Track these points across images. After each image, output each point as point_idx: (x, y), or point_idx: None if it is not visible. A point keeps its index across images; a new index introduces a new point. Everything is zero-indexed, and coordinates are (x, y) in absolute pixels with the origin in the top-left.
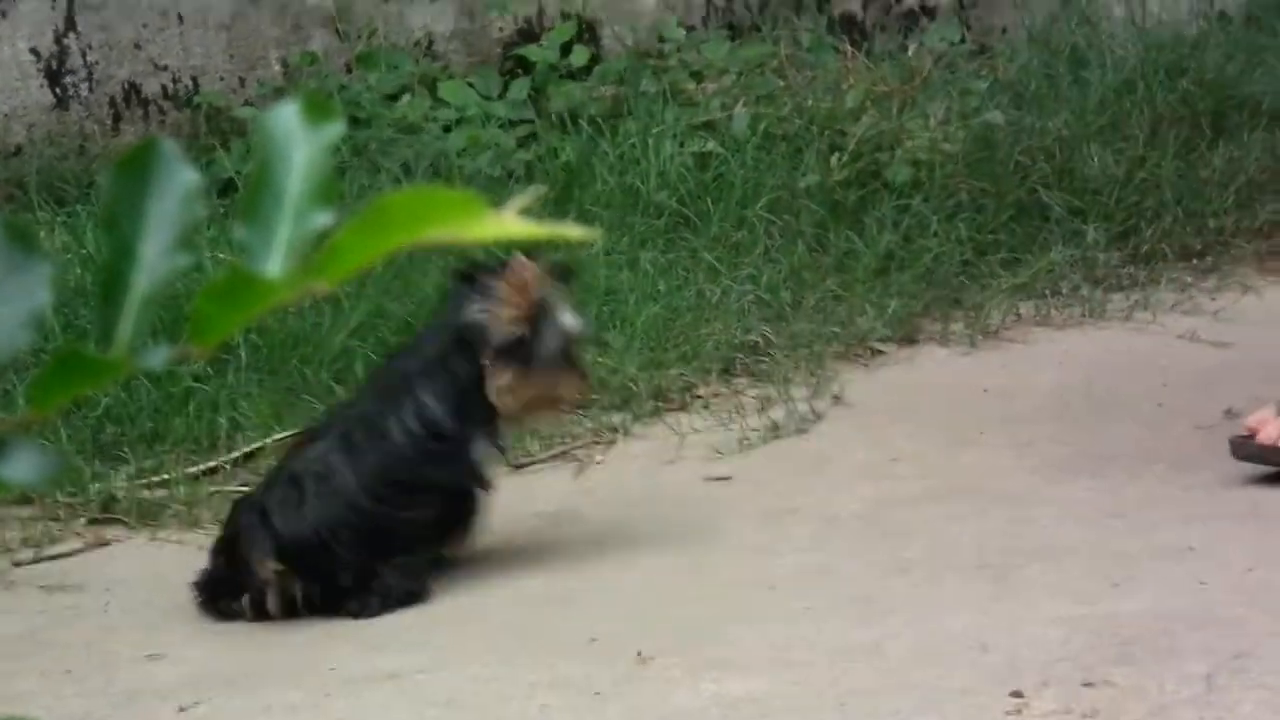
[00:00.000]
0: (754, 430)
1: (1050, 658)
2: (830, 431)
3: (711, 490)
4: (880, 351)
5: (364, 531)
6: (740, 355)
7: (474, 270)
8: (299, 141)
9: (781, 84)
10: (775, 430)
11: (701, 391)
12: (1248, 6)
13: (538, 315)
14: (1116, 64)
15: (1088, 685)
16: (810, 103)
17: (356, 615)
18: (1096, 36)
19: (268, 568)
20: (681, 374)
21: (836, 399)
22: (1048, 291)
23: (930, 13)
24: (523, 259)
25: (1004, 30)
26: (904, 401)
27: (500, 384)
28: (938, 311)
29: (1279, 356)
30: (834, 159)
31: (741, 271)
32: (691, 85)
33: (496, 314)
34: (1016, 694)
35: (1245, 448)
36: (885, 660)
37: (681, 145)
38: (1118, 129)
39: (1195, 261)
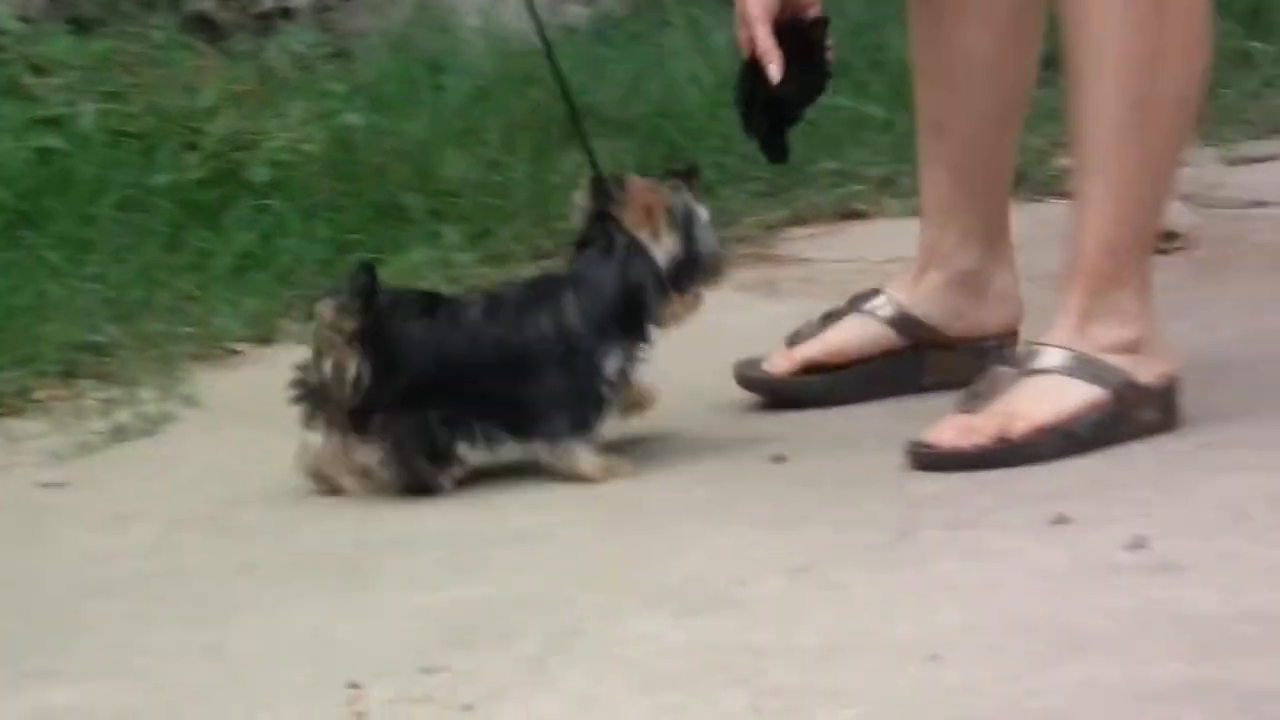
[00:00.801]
0: (97, 434)
1: (391, 648)
2: (181, 433)
3: (46, 496)
4: (237, 352)
5: None
6: (84, 356)
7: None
8: None
9: (132, 81)
10: (121, 433)
11: (39, 395)
12: (592, 21)
13: (682, 224)
14: (473, 71)
15: (426, 671)
16: (164, 101)
17: None
18: (453, 44)
19: None
20: (16, 376)
21: (189, 400)
22: None
23: (288, 14)
24: (636, 178)
25: (363, 35)
26: (261, 402)
27: (671, 308)
28: (298, 311)
29: None
30: (190, 158)
31: (88, 270)
32: (32, 80)
33: (650, 231)
34: (354, 685)
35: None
36: (225, 661)
37: (20, 140)
38: (474, 134)
39: (545, 262)
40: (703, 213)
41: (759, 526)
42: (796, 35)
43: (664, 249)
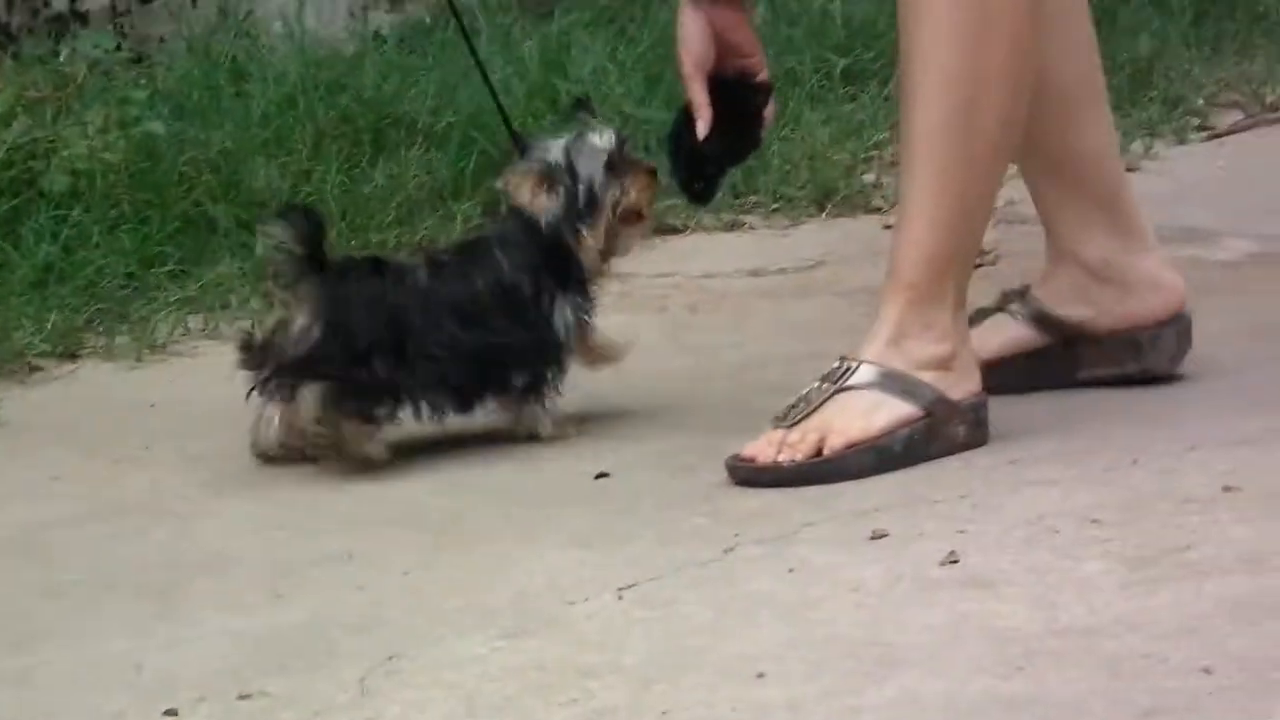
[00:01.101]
0: None
1: (208, 673)
2: None
3: None
4: (39, 368)
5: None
6: None
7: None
8: None
9: None
10: None
11: None
12: (399, 29)
13: (567, 162)
14: (278, 78)
15: (244, 697)
16: None
17: None
18: (257, 50)
19: None
20: None
21: None
22: (217, 304)
23: (82, 18)
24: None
25: (162, 40)
26: (65, 419)
27: (585, 247)
28: (102, 325)
29: None
30: None
31: None
32: None
33: (530, 200)
34: (171, 712)
35: (740, 471)
36: (35, 689)
37: None
38: (282, 143)
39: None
40: (595, 140)
41: (583, 545)
42: (737, 95)
43: (548, 206)
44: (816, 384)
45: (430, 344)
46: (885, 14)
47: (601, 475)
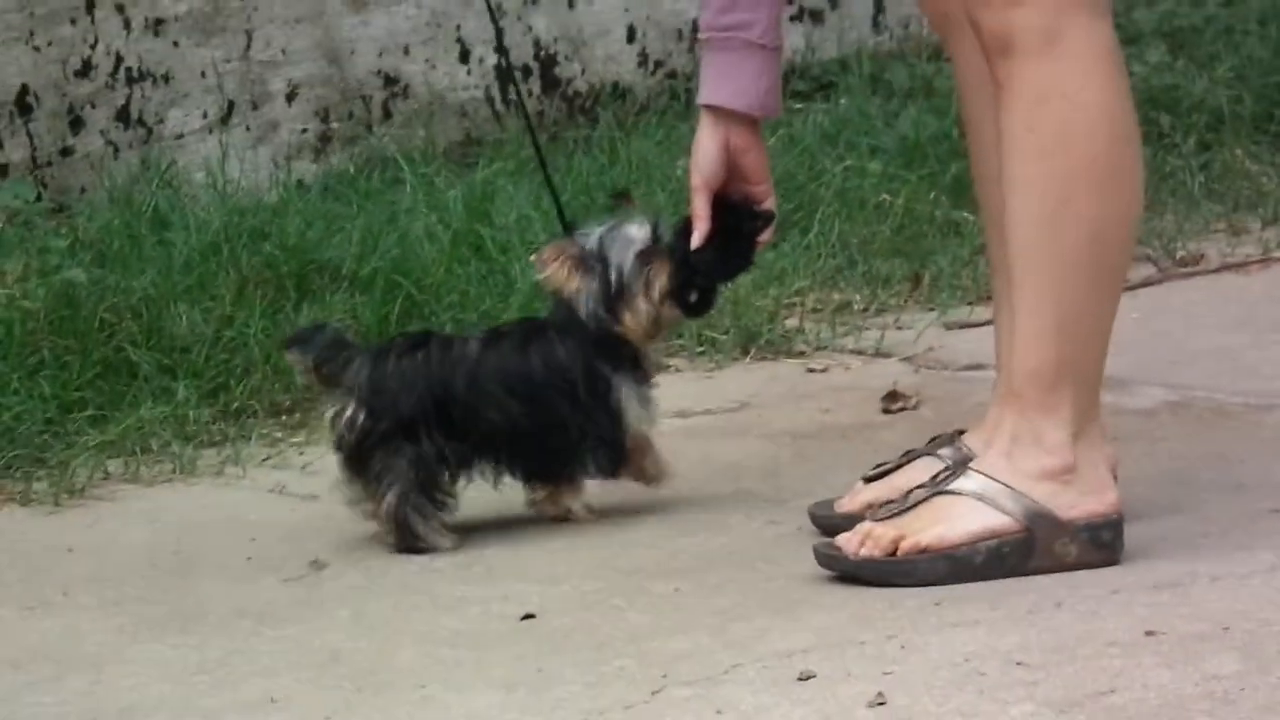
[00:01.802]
0: None
1: None
2: None
3: None
4: None
5: None
6: None
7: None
8: None
9: None
10: None
11: None
12: (324, 177)
13: (599, 249)
14: (201, 226)
15: None
16: None
17: None
18: (179, 199)
19: None
20: None
21: None
22: (138, 449)
23: (3, 169)
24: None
25: (83, 190)
26: None
27: (628, 329)
28: (19, 471)
29: None
30: None
31: None
32: None
33: (564, 284)
34: None
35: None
36: None
37: None
38: (205, 289)
39: (284, 417)
40: (631, 230)
41: (508, 688)
42: (738, 215)
43: (584, 291)
44: (920, 486)
45: (479, 411)
46: (804, 167)
47: (527, 616)
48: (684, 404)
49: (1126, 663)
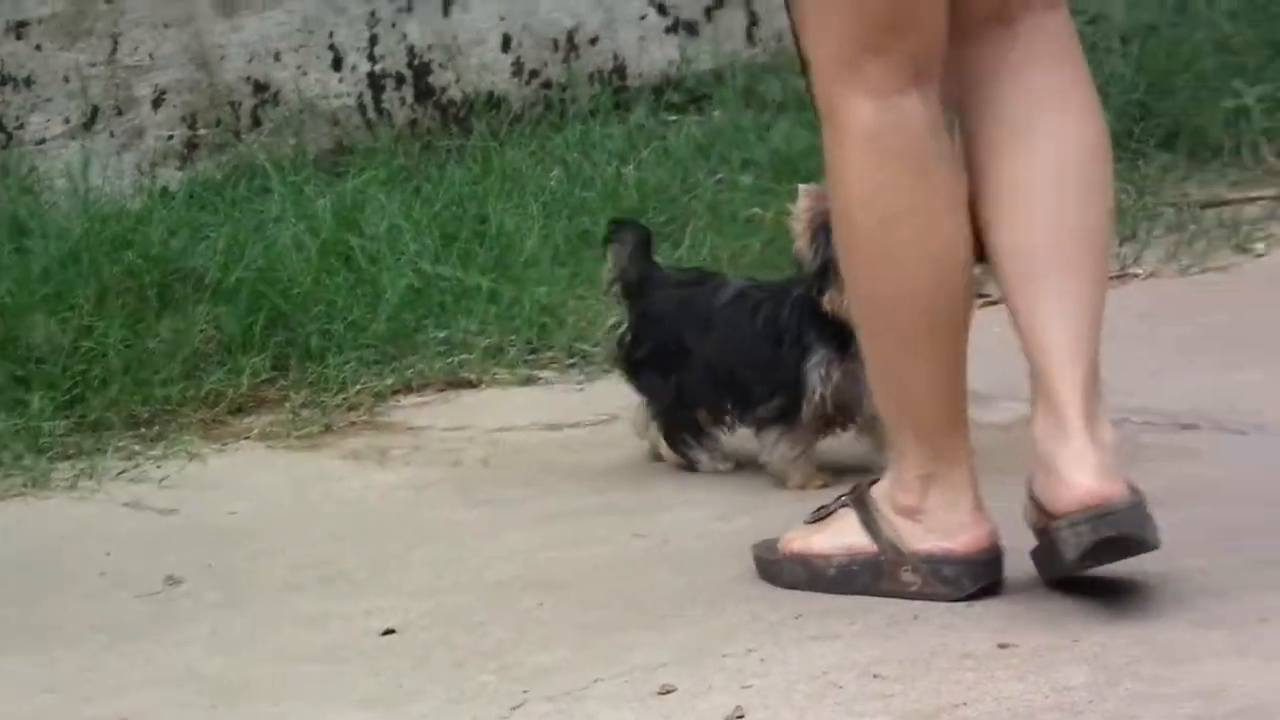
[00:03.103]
0: None
1: None
2: None
3: None
4: None
5: None
6: None
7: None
8: None
9: None
10: None
11: None
12: (190, 184)
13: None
14: (61, 234)
15: None
16: None
17: None
18: (39, 206)
19: None
20: None
21: None
22: None
23: None
24: (805, 188)
25: None
26: None
27: (831, 306)
28: None
29: (223, 521)
30: None
31: None
32: None
33: (798, 243)
34: None
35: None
36: None
37: None
38: (64, 298)
39: (143, 430)
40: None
41: (369, 705)
42: None
43: (808, 257)
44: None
45: (701, 352)
46: (677, 180)
47: (388, 632)
48: (554, 416)
49: (980, 675)
